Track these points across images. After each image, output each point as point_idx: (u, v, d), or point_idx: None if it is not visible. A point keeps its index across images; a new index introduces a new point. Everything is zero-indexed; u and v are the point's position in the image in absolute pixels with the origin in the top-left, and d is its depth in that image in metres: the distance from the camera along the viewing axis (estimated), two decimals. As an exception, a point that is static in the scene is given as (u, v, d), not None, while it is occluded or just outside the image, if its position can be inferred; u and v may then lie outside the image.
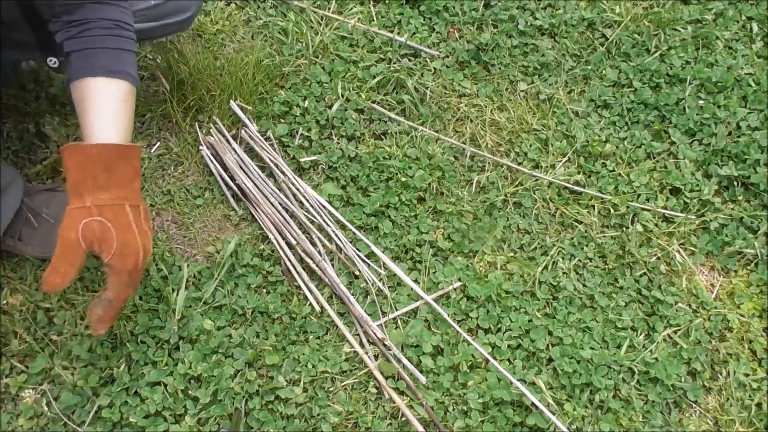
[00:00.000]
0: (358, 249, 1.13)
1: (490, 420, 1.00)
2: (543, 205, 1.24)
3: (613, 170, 1.29)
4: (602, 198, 1.25)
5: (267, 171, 1.22)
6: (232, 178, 1.19)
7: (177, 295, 1.04)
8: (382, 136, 1.30)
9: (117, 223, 0.85)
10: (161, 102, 1.26)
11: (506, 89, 1.39)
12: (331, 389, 1.02)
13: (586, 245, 1.20)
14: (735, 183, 1.29)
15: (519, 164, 1.29)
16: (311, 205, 1.17)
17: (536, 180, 1.26)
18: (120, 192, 0.86)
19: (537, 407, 1.00)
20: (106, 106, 0.87)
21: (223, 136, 1.24)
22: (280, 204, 1.16)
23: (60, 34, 0.91)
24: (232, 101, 1.26)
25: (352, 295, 1.09)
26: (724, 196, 1.28)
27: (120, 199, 0.86)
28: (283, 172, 1.20)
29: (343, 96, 1.31)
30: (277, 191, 1.18)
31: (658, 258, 1.20)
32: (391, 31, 1.43)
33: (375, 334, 1.05)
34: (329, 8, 1.44)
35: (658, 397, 1.05)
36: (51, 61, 1.00)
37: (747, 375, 1.09)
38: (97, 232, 0.84)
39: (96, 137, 0.86)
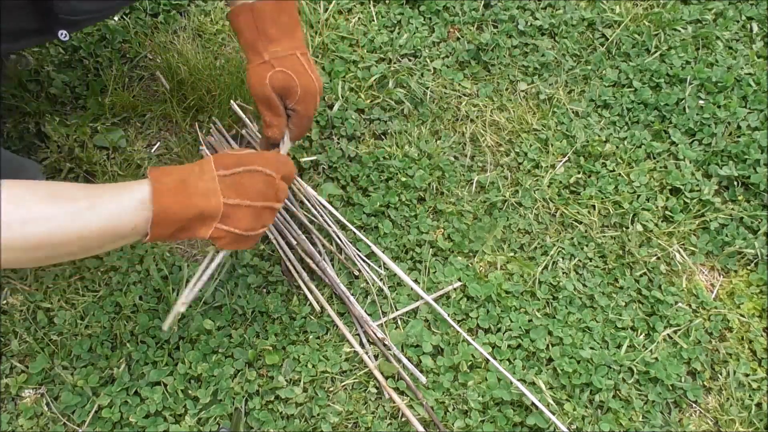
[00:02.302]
0: (358, 249, 1.13)
1: (490, 420, 1.00)
2: (543, 205, 1.24)
3: (613, 170, 1.29)
4: (602, 198, 1.25)
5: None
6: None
7: (177, 294, 1.04)
8: (382, 136, 1.30)
9: (295, 71, 0.92)
10: (161, 102, 1.27)
11: (506, 89, 1.39)
12: (331, 389, 1.02)
13: (586, 245, 1.20)
14: (735, 183, 1.29)
15: (519, 164, 1.29)
16: (311, 205, 1.17)
17: (536, 180, 1.26)
18: (290, 43, 0.93)
19: (537, 407, 1.00)
20: None
21: (223, 136, 1.24)
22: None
23: None
24: (232, 101, 1.26)
25: (352, 295, 1.09)
26: (724, 196, 1.28)
27: (292, 49, 0.93)
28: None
29: (343, 96, 1.31)
30: (277, 191, 1.18)
31: (658, 258, 1.20)
32: (392, 32, 1.43)
33: (375, 334, 1.05)
34: (329, 8, 1.44)
35: (658, 397, 1.05)
36: (62, 34, 0.97)
37: (747, 375, 1.09)
38: (282, 81, 0.91)
39: None
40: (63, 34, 0.97)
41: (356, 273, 1.12)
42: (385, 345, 1.05)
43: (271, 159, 0.82)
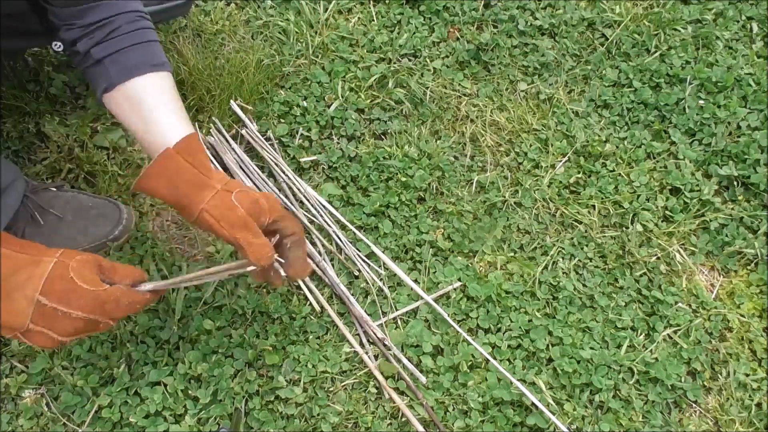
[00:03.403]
0: (358, 249, 1.13)
1: (490, 420, 1.00)
2: (543, 205, 1.24)
3: (613, 170, 1.29)
4: (603, 197, 1.25)
5: (267, 171, 1.22)
6: (232, 178, 1.19)
7: (176, 294, 1.04)
8: (382, 136, 1.30)
9: (245, 190, 0.85)
10: (161, 102, 1.26)
11: (506, 89, 1.39)
12: (331, 389, 1.02)
13: (586, 245, 1.20)
14: (735, 183, 1.29)
15: (519, 164, 1.29)
16: (311, 205, 1.17)
17: (536, 180, 1.26)
18: (221, 172, 0.88)
19: (537, 407, 1.00)
20: (166, 100, 0.86)
21: (223, 136, 1.24)
22: (281, 204, 1.16)
23: (83, 42, 0.86)
24: (232, 101, 1.26)
25: (352, 295, 1.09)
26: (724, 196, 1.28)
27: (226, 177, 0.87)
28: (283, 172, 1.20)
29: (342, 96, 1.31)
30: (277, 191, 1.18)
31: (658, 258, 1.20)
32: (392, 32, 1.43)
33: (375, 334, 1.05)
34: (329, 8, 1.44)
35: (658, 397, 1.05)
36: (56, 45, 0.97)
37: (747, 375, 1.09)
38: (249, 199, 0.82)
39: (176, 133, 0.84)
40: (57, 45, 0.96)
41: (356, 273, 1.12)
42: (385, 345, 1.05)
43: (109, 303, 0.73)
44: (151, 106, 0.85)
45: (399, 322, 1.09)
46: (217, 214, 0.81)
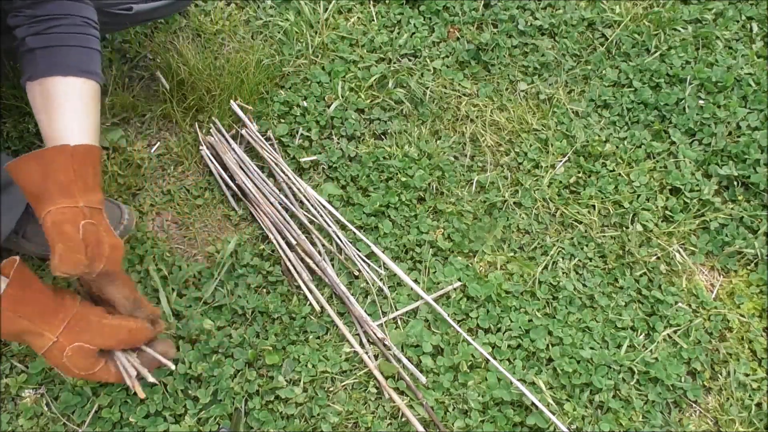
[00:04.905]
0: (358, 249, 1.13)
1: (490, 420, 1.00)
2: (543, 205, 1.24)
3: (613, 170, 1.29)
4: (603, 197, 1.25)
5: (267, 171, 1.22)
6: (232, 178, 1.19)
7: (174, 294, 1.04)
8: (382, 136, 1.30)
9: (103, 227, 0.83)
10: (161, 102, 1.27)
11: (506, 89, 1.39)
12: (331, 389, 1.02)
13: (586, 245, 1.20)
14: (735, 183, 1.29)
15: (519, 164, 1.29)
16: (311, 205, 1.17)
17: (536, 180, 1.26)
18: (100, 195, 0.85)
19: (537, 407, 1.00)
20: (81, 107, 0.84)
21: (223, 136, 1.24)
22: (280, 204, 1.16)
23: (22, 29, 0.86)
24: (232, 101, 1.26)
25: (352, 295, 1.09)
26: (724, 196, 1.28)
27: (100, 203, 0.84)
28: (283, 172, 1.20)
29: (342, 96, 1.31)
30: (276, 191, 1.18)
31: (658, 258, 1.20)
32: (391, 31, 1.43)
33: (375, 334, 1.05)
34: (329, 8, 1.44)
35: (658, 397, 1.05)
36: None
37: (747, 375, 1.09)
38: (93, 235, 0.80)
39: (77, 138, 0.82)
40: None
41: (356, 273, 1.12)
42: (385, 345, 1.05)
43: (99, 378, 0.83)
44: (63, 108, 0.83)
45: (399, 322, 1.09)
46: (57, 219, 0.79)
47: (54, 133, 0.83)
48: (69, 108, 0.84)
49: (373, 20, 1.45)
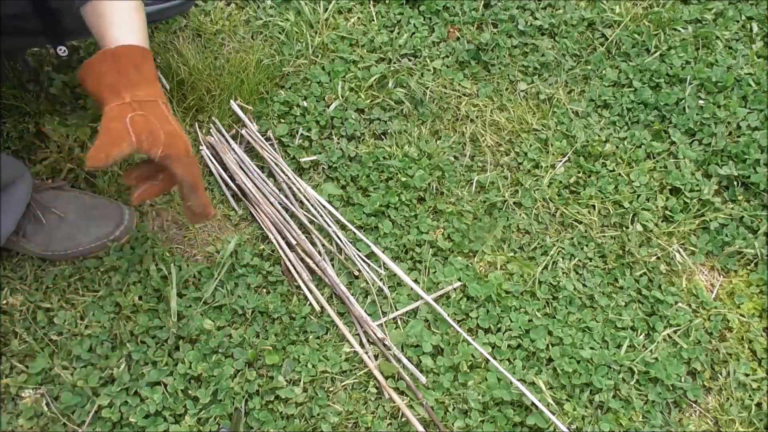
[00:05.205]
0: (358, 249, 1.13)
1: (490, 420, 1.00)
2: (543, 205, 1.24)
3: (613, 170, 1.29)
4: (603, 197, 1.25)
5: (267, 171, 1.22)
6: (232, 178, 1.19)
7: (174, 292, 1.04)
8: (382, 136, 1.30)
9: (157, 117, 0.88)
10: (161, 102, 1.26)
11: (506, 89, 1.39)
12: (331, 389, 1.02)
13: (586, 245, 1.20)
14: (735, 183, 1.29)
15: (519, 164, 1.29)
16: (311, 205, 1.17)
17: (536, 180, 1.26)
18: (150, 89, 0.90)
19: (537, 407, 1.00)
20: (125, 17, 0.91)
21: (223, 136, 1.24)
22: (280, 204, 1.16)
23: None
24: (232, 101, 1.26)
25: (352, 295, 1.09)
26: (724, 196, 1.28)
27: (153, 96, 0.90)
28: (283, 172, 1.20)
29: (342, 96, 1.31)
30: (276, 191, 1.18)
31: (658, 258, 1.20)
32: (391, 31, 1.43)
33: (375, 334, 1.05)
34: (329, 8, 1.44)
35: (658, 397, 1.05)
36: (60, 50, 1.01)
37: (747, 375, 1.09)
38: (143, 124, 0.86)
39: (120, 42, 0.89)
40: (62, 50, 1.01)
41: (356, 273, 1.12)
42: (385, 345, 1.05)
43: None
44: (111, 21, 0.90)
45: (399, 322, 1.09)
46: (112, 114, 0.86)
47: (106, 41, 0.90)
48: (117, 19, 0.90)
49: (373, 20, 1.45)
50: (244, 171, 1.19)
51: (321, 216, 1.16)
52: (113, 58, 0.88)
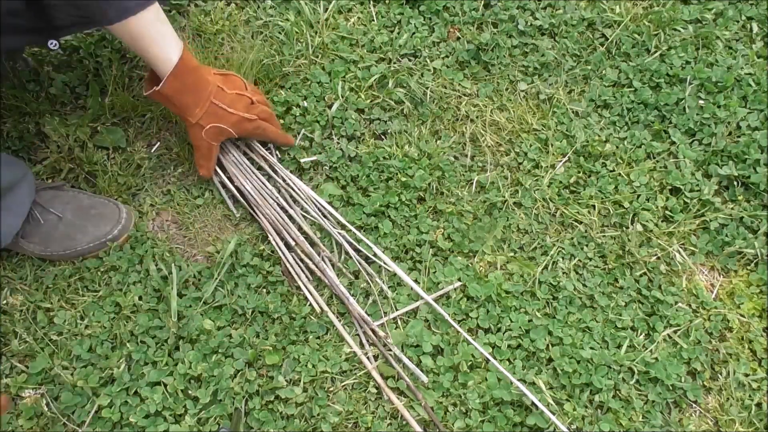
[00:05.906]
0: (357, 249, 1.13)
1: (490, 420, 1.00)
2: (543, 205, 1.24)
3: (613, 170, 1.29)
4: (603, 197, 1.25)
5: (266, 173, 1.22)
6: (231, 180, 1.19)
7: (174, 292, 1.04)
8: (382, 136, 1.30)
9: (218, 117, 1.08)
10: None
11: (506, 89, 1.39)
12: (331, 389, 1.02)
13: (586, 245, 1.20)
14: (735, 183, 1.29)
15: (519, 164, 1.29)
16: (311, 206, 1.17)
17: (536, 180, 1.26)
18: (202, 94, 1.06)
19: (537, 407, 1.00)
20: (161, 34, 0.98)
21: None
22: (279, 205, 1.16)
23: None
24: (232, 101, 1.26)
25: (352, 295, 1.09)
26: (724, 196, 1.28)
27: (206, 100, 1.06)
28: (282, 173, 1.20)
29: (343, 96, 1.31)
30: (276, 192, 1.18)
31: (658, 258, 1.20)
32: (392, 31, 1.43)
33: (375, 334, 1.05)
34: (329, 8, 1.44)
35: (658, 397, 1.05)
36: (52, 43, 1.03)
37: (747, 375, 1.09)
38: (215, 131, 1.09)
39: (171, 61, 0.99)
40: (53, 44, 1.01)
41: (356, 273, 1.12)
42: (385, 345, 1.05)
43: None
44: (152, 41, 0.98)
45: (399, 322, 1.09)
46: (194, 134, 1.09)
47: (157, 61, 1.00)
48: (158, 39, 0.98)
49: (373, 20, 1.45)
50: (243, 172, 1.19)
51: (321, 216, 1.16)
52: (182, 79, 1.01)
